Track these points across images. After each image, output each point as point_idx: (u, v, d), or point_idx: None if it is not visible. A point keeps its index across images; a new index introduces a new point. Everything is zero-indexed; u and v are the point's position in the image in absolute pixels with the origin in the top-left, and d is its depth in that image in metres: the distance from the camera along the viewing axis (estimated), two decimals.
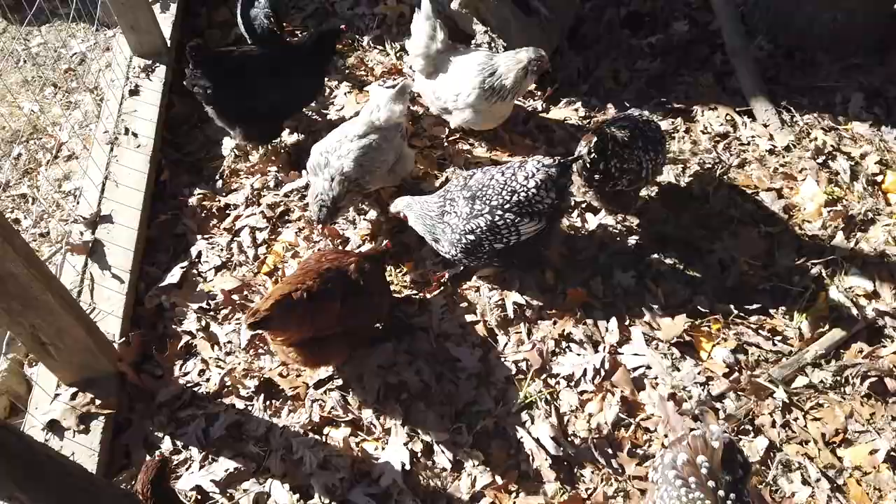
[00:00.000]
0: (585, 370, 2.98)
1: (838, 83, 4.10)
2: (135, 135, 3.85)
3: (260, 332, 2.71)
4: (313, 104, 4.10)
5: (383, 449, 2.81)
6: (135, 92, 4.08)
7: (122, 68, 4.19)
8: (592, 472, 2.71)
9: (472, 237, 2.95)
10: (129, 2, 3.95)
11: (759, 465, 2.70)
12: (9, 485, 1.01)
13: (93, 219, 3.45)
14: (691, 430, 2.19)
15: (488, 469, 2.75)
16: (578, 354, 3.04)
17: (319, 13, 4.78)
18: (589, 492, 2.65)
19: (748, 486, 2.10)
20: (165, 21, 4.45)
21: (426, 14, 3.57)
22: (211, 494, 2.70)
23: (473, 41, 4.35)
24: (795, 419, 2.82)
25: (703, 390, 2.88)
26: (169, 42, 4.31)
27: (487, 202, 2.94)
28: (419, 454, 2.79)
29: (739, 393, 2.87)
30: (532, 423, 2.85)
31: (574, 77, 4.26)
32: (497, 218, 2.92)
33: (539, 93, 4.18)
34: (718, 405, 2.84)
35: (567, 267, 3.33)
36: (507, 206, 2.92)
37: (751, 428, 2.80)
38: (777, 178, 3.68)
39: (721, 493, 2.00)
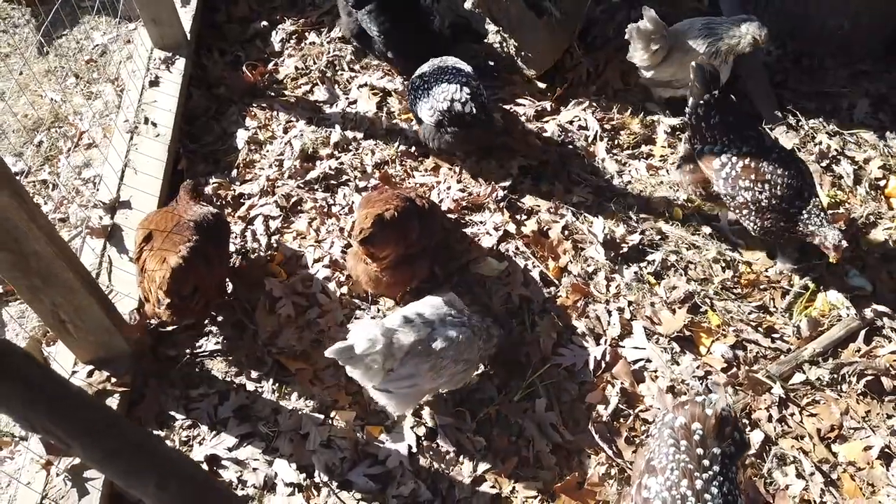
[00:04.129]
0: (587, 361, 3.05)
1: (845, 89, 4.16)
2: (154, 124, 3.96)
3: (368, 249, 2.93)
4: None
5: (388, 432, 2.89)
6: (155, 83, 4.19)
7: (143, 60, 4.31)
8: (590, 458, 2.78)
9: None
10: None
11: (754, 457, 2.76)
12: (44, 420, 1.11)
13: (112, 204, 3.56)
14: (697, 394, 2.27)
15: (490, 454, 2.83)
16: (580, 346, 3.11)
17: None
18: (587, 476, 2.72)
19: (738, 463, 2.16)
20: (186, 15, 4.56)
21: (641, 35, 3.75)
22: (224, 462, 2.82)
23: (485, 40, 4.45)
24: (791, 415, 2.88)
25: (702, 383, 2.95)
26: (189, 35, 4.42)
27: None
28: (422, 438, 2.87)
29: (737, 388, 2.93)
30: (533, 411, 2.92)
31: (583, 78, 4.34)
32: None
33: (549, 94, 4.26)
34: None
35: (571, 262, 3.41)
36: None
37: (747, 422, 2.86)
38: None
39: (706, 462, 2.07)
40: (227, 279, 3.32)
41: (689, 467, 2.05)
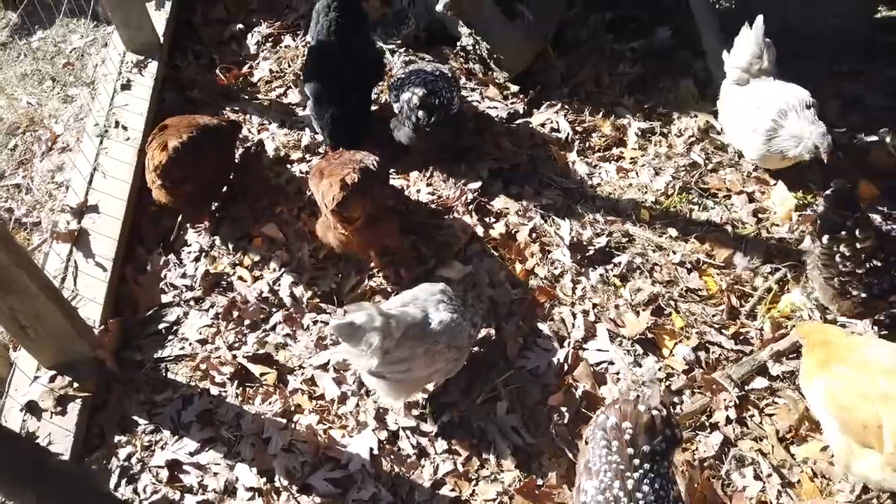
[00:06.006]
0: (550, 364, 3.06)
1: (818, 90, 4.15)
2: (124, 128, 3.96)
3: (342, 214, 3.02)
4: None
5: (351, 436, 2.90)
6: (126, 87, 4.19)
7: (115, 63, 4.30)
8: (550, 460, 2.79)
9: None
10: None
11: (713, 459, 2.77)
12: None
13: (79, 208, 3.56)
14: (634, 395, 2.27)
15: (451, 457, 2.83)
16: (545, 349, 3.12)
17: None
18: (545, 478, 2.73)
19: (671, 458, 2.18)
20: (160, 17, 4.56)
21: (757, 35, 3.56)
22: (185, 467, 2.83)
23: (458, 43, 4.46)
24: (751, 416, 2.89)
25: (658, 381, 2.96)
26: (162, 38, 4.42)
27: None
28: (384, 442, 2.88)
29: (696, 390, 2.94)
30: (496, 414, 2.93)
31: (556, 80, 4.34)
32: None
33: (521, 96, 4.26)
34: (676, 400, 2.92)
35: (538, 264, 3.41)
36: None
37: (707, 423, 2.87)
38: (750, 182, 3.75)
39: (636, 461, 2.09)
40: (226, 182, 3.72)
41: (621, 468, 2.08)
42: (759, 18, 3.55)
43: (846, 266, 2.79)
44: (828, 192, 2.77)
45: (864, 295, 2.82)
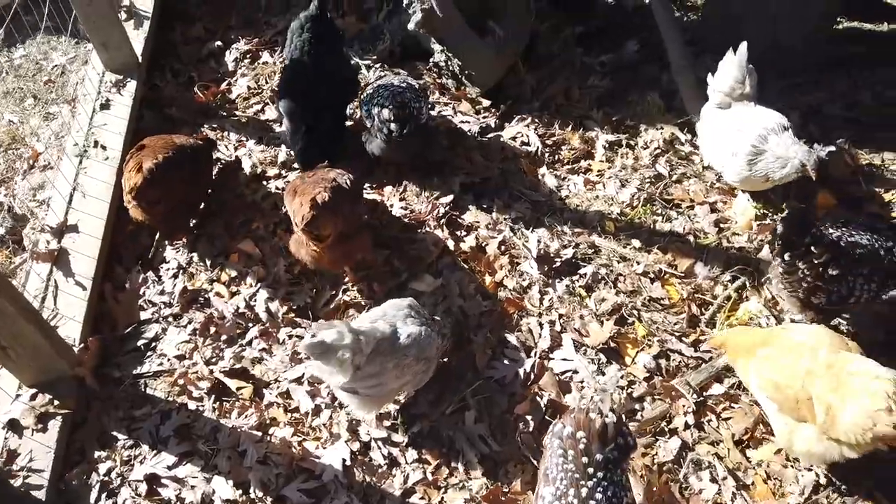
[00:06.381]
0: (517, 373, 3.17)
1: (778, 102, 4.28)
2: (104, 147, 4.05)
3: (313, 232, 3.10)
4: None
5: (324, 448, 3.00)
6: (105, 106, 4.27)
7: (94, 83, 4.39)
8: (515, 467, 2.89)
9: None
10: (101, 20, 4.15)
11: (671, 463, 2.89)
12: None
13: (59, 228, 3.64)
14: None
15: (421, 466, 2.94)
16: (513, 359, 3.23)
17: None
18: (511, 485, 2.83)
19: (624, 466, 2.28)
20: (138, 37, 4.64)
21: (740, 61, 3.59)
22: (164, 481, 2.92)
23: (431, 59, 4.57)
24: (709, 421, 3.01)
25: (619, 388, 3.08)
26: (140, 58, 4.50)
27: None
28: (357, 453, 2.98)
29: (656, 396, 3.06)
30: (464, 423, 3.04)
31: (527, 94, 4.46)
32: None
33: (493, 110, 4.37)
34: (637, 406, 3.04)
35: (507, 276, 3.52)
36: None
37: (666, 429, 2.98)
38: (713, 193, 3.87)
39: (590, 469, 2.19)
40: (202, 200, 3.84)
41: (576, 476, 2.18)
42: (744, 45, 3.61)
43: (808, 280, 2.95)
44: (784, 215, 2.94)
45: (825, 302, 2.99)
